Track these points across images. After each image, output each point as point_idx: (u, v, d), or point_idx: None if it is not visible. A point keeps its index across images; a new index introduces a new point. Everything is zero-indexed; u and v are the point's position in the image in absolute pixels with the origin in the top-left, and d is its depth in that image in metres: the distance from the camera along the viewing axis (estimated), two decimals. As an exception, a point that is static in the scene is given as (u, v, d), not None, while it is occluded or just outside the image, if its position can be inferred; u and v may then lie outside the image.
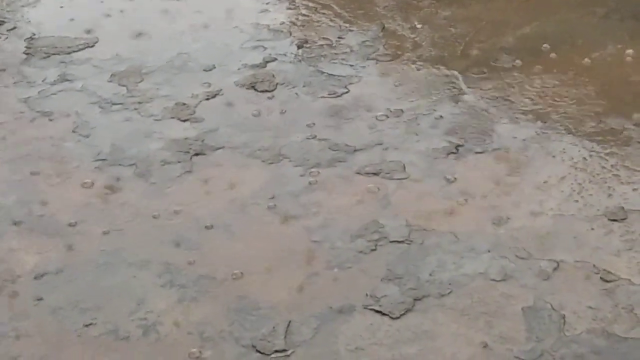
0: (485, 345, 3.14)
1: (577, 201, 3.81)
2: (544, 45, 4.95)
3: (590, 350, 3.10)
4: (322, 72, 4.87)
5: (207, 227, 3.76)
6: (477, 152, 4.16)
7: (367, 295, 3.39)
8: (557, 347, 3.12)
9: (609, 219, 3.70)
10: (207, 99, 4.66)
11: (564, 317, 3.24)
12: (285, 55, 5.06)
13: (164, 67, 4.96)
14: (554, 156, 4.10)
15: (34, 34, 5.36)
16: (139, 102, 4.64)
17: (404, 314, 3.31)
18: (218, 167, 4.15)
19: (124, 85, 4.79)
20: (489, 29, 5.24)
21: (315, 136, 4.32)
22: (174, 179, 4.07)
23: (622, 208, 3.75)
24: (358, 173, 4.06)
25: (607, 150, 4.12)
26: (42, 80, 4.87)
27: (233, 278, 3.49)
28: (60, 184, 4.06)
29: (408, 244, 3.64)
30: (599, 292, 3.34)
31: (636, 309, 3.25)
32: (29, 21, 5.55)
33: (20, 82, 4.87)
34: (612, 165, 4.02)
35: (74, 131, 4.43)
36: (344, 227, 3.74)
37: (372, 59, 5.00)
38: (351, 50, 5.08)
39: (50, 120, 4.52)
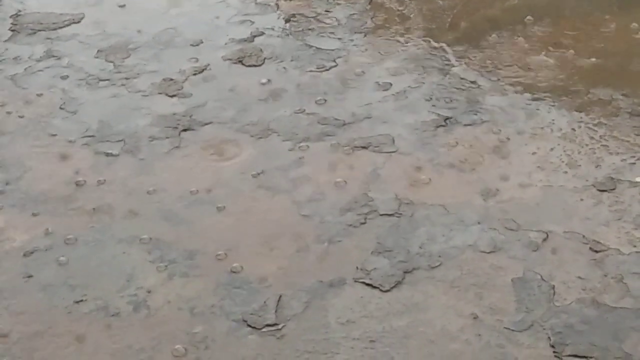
0: (476, 317, 3.15)
1: (566, 172, 3.81)
2: (531, 16, 4.94)
3: (580, 320, 3.12)
4: (310, 46, 4.85)
5: (196, 202, 3.75)
6: (465, 125, 4.16)
7: (357, 268, 3.39)
8: (547, 318, 3.13)
9: (598, 190, 3.71)
10: (195, 74, 4.64)
11: (553, 287, 3.25)
12: (272, 29, 5.03)
13: (150, 43, 4.93)
14: (542, 127, 4.10)
15: (20, 11, 5.32)
16: (126, 78, 4.62)
17: (394, 286, 3.31)
18: (206, 142, 4.13)
19: (110, 61, 4.77)
20: (477, 1, 5.22)
21: (304, 110, 4.31)
22: (162, 154, 4.06)
23: (611, 178, 3.76)
24: (347, 147, 4.05)
25: (596, 121, 4.12)
26: (28, 57, 4.83)
27: (223, 253, 3.48)
28: (48, 160, 4.04)
29: (398, 217, 3.64)
30: (589, 263, 3.35)
31: (625, 279, 3.27)
32: (14, -3, 5.51)
33: (6, 59, 4.84)
34: (600, 136, 4.02)
35: (61, 108, 4.40)
36: (333, 201, 3.73)
37: (360, 32, 4.98)
38: (339, 24, 5.06)
39: (37, 97, 4.49)
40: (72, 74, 4.67)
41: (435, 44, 4.81)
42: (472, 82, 4.46)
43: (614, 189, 3.70)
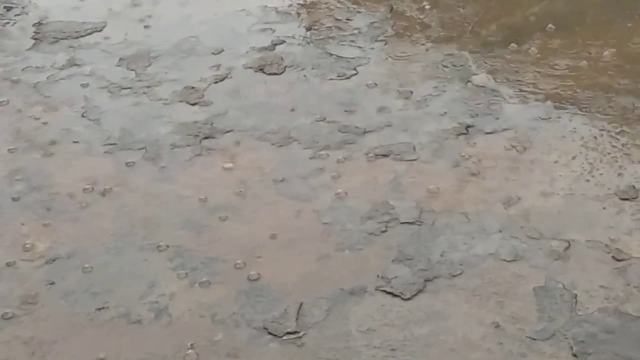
0: (497, 326, 3.14)
1: (588, 180, 3.80)
2: (554, 24, 4.93)
3: (602, 330, 3.10)
4: (331, 54, 4.86)
5: (217, 210, 3.76)
6: (487, 133, 4.15)
7: (378, 276, 3.39)
8: (569, 327, 3.12)
9: (620, 198, 3.69)
10: (216, 82, 4.65)
11: (575, 296, 3.23)
12: (293, 37, 5.05)
13: (172, 51, 4.96)
14: (564, 136, 4.08)
15: (42, 19, 5.36)
16: (148, 86, 4.64)
17: (415, 294, 3.30)
18: (227, 150, 4.14)
19: (132, 70, 4.79)
20: (498, 8, 5.22)
21: (325, 118, 4.31)
22: (183, 162, 4.07)
23: (633, 187, 3.74)
24: (368, 155, 4.05)
25: (618, 129, 4.10)
26: (51, 66, 4.87)
27: (243, 261, 3.49)
28: (70, 168, 4.06)
29: (419, 225, 3.63)
30: (611, 271, 3.33)
31: (648, 288, 3.25)
32: (37, 6, 5.55)
33: (29, 67, 4.87)
34: (622, 144, 4.00)
35: (83, 116, 4.43)
36: (354, 209, 3.73)
37: (381, 40, 4.98)
38: (359, 32, 5.07)
39: (60, 105, 4.52)
40: (94, 82, 4.70)
41: (456, 52, 4.81)
42: (493, 90, 4.45)
43: (636, 198, 3.68)
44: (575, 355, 3.01)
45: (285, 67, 4.76)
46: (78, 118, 4.41)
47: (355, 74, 4.67)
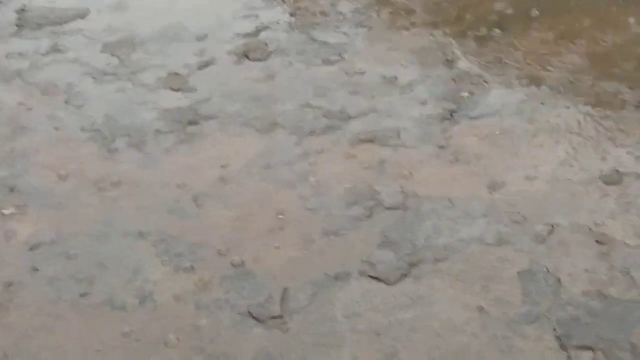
0: (482, 309, 3.15)
1: (572, 165, 3.81)
2: (538, 9, 4.93)
3: (586, 313, 3.11)
4: (316, 40, 4.84)
5: (201, 196, 3.75)
6: (471, 118, 4.15)
7: (363, 261, 3.39)
8: (553, 310, 3.13)
9: (604, 182, 3.70)
10: (200, 69, 4.64)
11: (559, 280, 3.24)
12: (277, 23, 5.03)
13: (156, 37, 4.94)
14: (548, 120, 4.09)
15: (25, 5, 5.32)
16: (132, 73, 4.62)
17: (400, 279, 3.31)
18: (212, 136, 4.13)
19: (116, 56, 4.77)
20: (483, -6, 5.22)
21: (310, 104, 4.31)
22: (168, 148, 4.06)
23: (617, 171, 3.75)
24: (353, 140, 4.04)
25: (602, 114, 4.11)
26: (34, 51, 4.84)
27: (228, 247, 3.48)
28: (54, 154, 4.04)
29: (403, 210, 3.63)
30: (595, 255, 3.34)
31: (632, 271, 3.26)
32: (19, -8, 5.52)
33: (12, 53, 4.84)
34: (606, 129, 4.01)
35: (66, 102, 4.41)
36: (339, 195, 3.73)
37: (365, 26, 4.97)
38: (344, 18, 5.06)
39: (43, 91, 4.49)
40: (78, 68, 4.68)
41: (441, 38, 4.80)
42: (478, 75, 4.45)
43: (620, 182, 3.69)
44: (559, 338, 3.02)
45: (270, 53, 4.75)
46: (62, 104, 4.39)
47: (340, 60, 4.66)
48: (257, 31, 4.94)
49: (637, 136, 3.94)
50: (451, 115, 4.17)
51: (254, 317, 3.18)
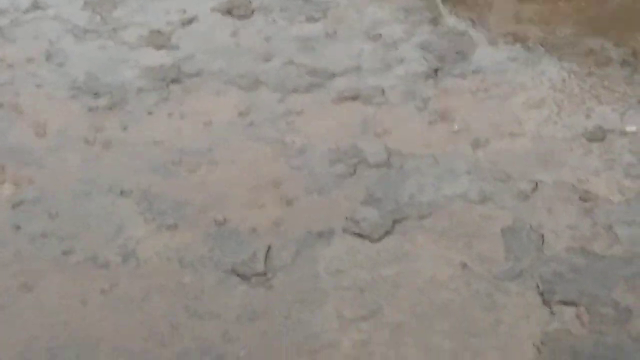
0: (465, 266, 3.15)
1: (556, 122, 3.80)
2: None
3: (568, 269, 3.12)
4: (299, -3, 4.80)
5: (184, 154, 3.73)
6: (455, 75, 4.13)
7: (346, 218, 3.38)
8: (536, 266, 3.13)
9: (587, 139, 3.70)
10: (183, 26, 4.59)
11: (542, 236, 3.25)
12: (261, -20, 4.98)
13: (138, -6, 4.88)
14: (532, 78, 4.08)
15: (4, -38, 5.25)
16: (114, 30, 4.57)
17: (383, 236, 3.31)
18: (195, 94, 4.10)
19: (97, 13, 4.72)
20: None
21: (293, 62, 4.28)
22: (150, 106, 4.02)
23: (601, 128, 3.74)
24: (337, 98, 4.02)
25: (586, 71, 4.10)
26: (14, 9, 4.78)
27: (212, 204, 3.47)
28: (34, 112, 4.01)
29: (387, 167, 3.62)
30: (578, 212, 3.35)
31: (615, 227, 3.27)
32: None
33: (-9, 11, 4.79)
34: (591, 86, 4.00)
35: (47, 60, 4.36)
36: (322, 152, 3.72)
37: (350, -17, 4.93)
38: (328, -25, 5.01)
39: (23, 48, 4.44)
40: (59, 25, 4.62)
41: (426, -5, 4.78)
42: (463, 33, 4.42)
43: (603, 139, 3.69)
44: (541, 294, 3.03)
45: (253, 10, 4.70)
46: (42, 62, 4.34)
47: (324, 17, 4.62)
48: (241, -12, 4.90)
49: (621, 93, 3.94)
50: (436, 73, 4.15)
51: (238, 275, 3.18)
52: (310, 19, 4.60)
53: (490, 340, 2.89)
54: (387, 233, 3.32)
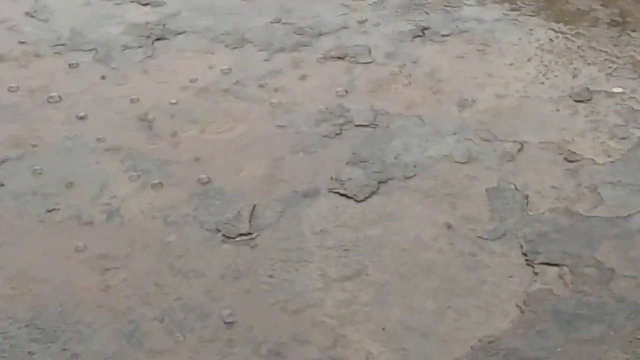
0: (449, 226, 3.16)
1: (542, 83, 3.79)
2: None
3: (553, 229, 3.13)
4: (286, -45, 4.75)
5: (170, 113, 3.71)
6: (443, 35, 4.11)
7: (332, 178, 3.38)
8: (520, 226, 3.14)
9: (574, 100, 3.69)
10: (169, -17, 4.54)
11: (527, 197, 3.26)
12: (248, -63, 4.92)
13: (123, -50, 4.82)
14: (520, 38, 4.06)
15: None
16: (99, -14, 4.53)
17: (368, 196, 3.30)
18: (180, 52, 4.07)
19: (82, -30, 4.66)
20: None
21: (280, 20, 4.25)
22: (135, 64, 3.99)
23: (588, 89, 3.74)
24: (323, 57, 4.00)
25: (574, 32, 4.08)
26: (-2, -35, 4.72)
27: (197, 163, 3.46)
28: (18, 67, 3.97)
29: (373, 127, 3.61)
30: (563, 172, 3.35)
31: (599, 188, 3.27)
32: None
33: (-26, -34, 4.73)
34: (578, 47, 3.99)
35: (32, 16, 4.31)
36: (308, 112, 3.70)
37: (338, -60, 4.87)
38: None
39: (8, 4, 4.39)
40: (43, -19, 4.57)
41: (414, -47, 4.73)
42: (451, -8, 4.40)
43: (590, 99, 3.69)
44: (525, 254, 3.04)
45: (240, -33, 4.66)
46: (27, 18, 4.30)
47: (311, -25, 4.58)
48: (227, -55, 4.84)
49: (608, 54, 3.93)
50: (423, 32, 4.13)
51: (222, 234, 3.17)
52: (298, -23, 4.56)
53: (474, 300, 2.90)
54: (373, 193, 3.31)
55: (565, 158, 3.41)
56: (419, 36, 4.11)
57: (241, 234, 3.17)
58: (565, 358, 2.70)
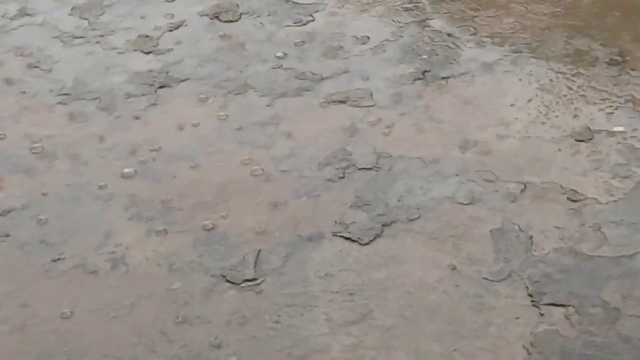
0: (454, 268, 3.16)
1: (543, 123, 3.81)
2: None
3: (557, 270, 3.13)
4: (287, 1, 4.80)
5: (173, 159, 3.73)
6: (443, 77, 4.14)
7: (336, 222, 3.39)
8: (525, 267, 3.14)
9: (575, 140, 3.71)
10: (171, 31, 4.58)
11: (531, 237, 3.26)
12: (248, -16, 4.98)
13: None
14: (520, 79, 4.08)
15: (-9, -31, 5.23)
16: (101, 35, 4.56)
17: (372, 239, 3.31)
18: (183, 98, 4.10)
19: (85, 19, 4.70)
20: (455, -48, 5.18)
21: (281, 65, 4.28)
22: (138, 112, 4.02)
23: (589, 128, 3.75)
24: (325, 101, 4.03)
25: (574, 72, 4.11)
26: (2, 16, 4.76)
27: (201, 209, 3.47)
28: (23, 120, 4.00)
29: (376, 170, 3.63)
30: (566, 212, 3.36)
31: (603, 228, 3.28)
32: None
33: (-22, 18, 4.78)
34: (578, 86, 4.01)
35: (35, 66, 4.35)
36: (311, 156, 3.72)
37: (337, -14, 4.93)
38: (316, -22, 5.01)
39: (12, 55, 4.43)
40: (47, 31, 4.61)
41: (413, -3, 4.78)
42: (450, 35, 4.43)
43: (591, 139, 3.70)
44: (530, 295, 3.04)
45: (241, 14, 4.70)
46: (30, 68, 4.33)
47: (312, 20, 4.62)
48: (228, -8, 4.90)
49: (608, 93, 3.95)
50: (423, 75, 4.16)
51: (227, 280, 3.18)
52: (298, 22, 4.59)
53: (480, 342, 2.89)
54: (377, 236, 3.32)
55: (568, 198, 3.42)
56: (419, 79, 4.13)
57: (246, 280, 3.18)
58: (573, 399, 2.69)
